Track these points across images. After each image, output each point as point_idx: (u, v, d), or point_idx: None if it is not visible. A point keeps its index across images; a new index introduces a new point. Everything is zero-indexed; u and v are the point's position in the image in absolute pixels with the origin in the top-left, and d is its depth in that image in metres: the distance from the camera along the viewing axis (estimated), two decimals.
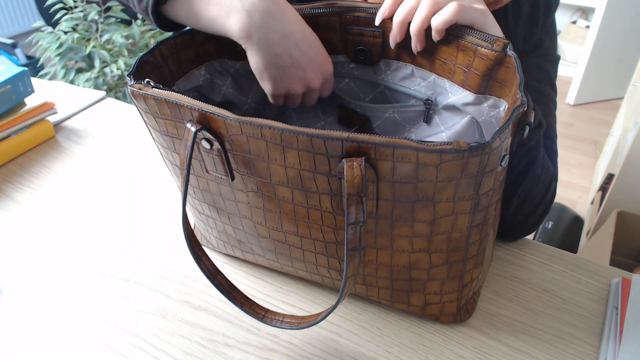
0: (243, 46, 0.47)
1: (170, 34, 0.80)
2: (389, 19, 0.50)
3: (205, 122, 0.43)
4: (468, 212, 0.42)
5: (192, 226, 0.63)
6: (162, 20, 0.52)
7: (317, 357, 0.49)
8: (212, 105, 0.58)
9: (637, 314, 0.52)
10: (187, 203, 0.59)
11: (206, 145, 0.44)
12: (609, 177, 1.72)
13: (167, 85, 0.53)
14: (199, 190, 0.52)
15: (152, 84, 0.45)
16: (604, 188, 1.71)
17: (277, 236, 0.50)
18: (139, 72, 0.48)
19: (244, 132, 0.41)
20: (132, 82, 0.46)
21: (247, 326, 0.52)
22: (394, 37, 0.49)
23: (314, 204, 0.44)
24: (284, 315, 0.46)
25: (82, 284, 0.57)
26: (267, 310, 0.47)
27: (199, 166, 0.48)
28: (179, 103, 0.43)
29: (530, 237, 1.76)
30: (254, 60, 0.47)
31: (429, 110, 0.54)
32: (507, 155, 0.41)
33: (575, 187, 2.10)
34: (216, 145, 0.44)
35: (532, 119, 0.41)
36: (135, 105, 0.48)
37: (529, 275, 0.58)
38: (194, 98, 0.55)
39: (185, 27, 0.56)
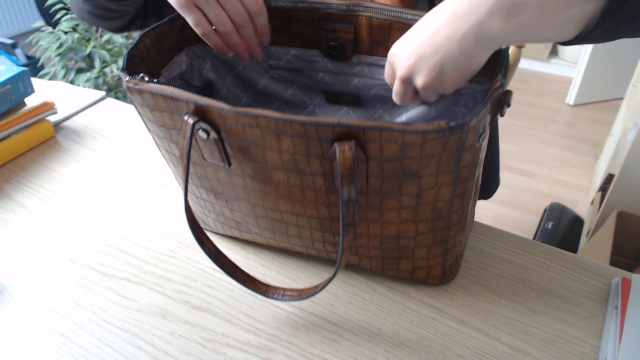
0: None
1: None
2: (359, 16, 0.52)
3: (201, 114, 0.44)
4: (450, 184, 0.44)
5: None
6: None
7: (317, 357, 0.50)
8: (194, 89, 0.60)
9: (637, 314, 0.52)
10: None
11: (203, 135, 0.45)
12: (609, 177, 1.72)
13: (154, 76, 0.54)
14: (196, 177, 0.53)
15: (147, 79, 0.46)
16: (604, 188, 1.71)
17: (274, 216, 0.51)
18: (130, 67, 0.49)
19: (240, 122, 0.42)
20: (128, 78, 0.46)
21: (247, 326, 0.52)
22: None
23: (308, 184, 0.46)
24: (284, 289, 0.50)
25: (82, 284, 0.57)
26: (268, 286, 0.51)
27: (196, 154, 0.49)
28: (175, 97, 0.44)
29: (530, 237, 1.76)
30: None
31: None
32: (485, 133, 0.43)
33: (575, 187, 2.10)
34: (213, 134, 0.45)
35: (510, 100, 0.43)
36: (131, 99, 0.48)
37: (529, 275, 0.58)
38: (178, 86, 0.57)
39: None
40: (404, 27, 0.51)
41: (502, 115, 0.44)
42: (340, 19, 0.53)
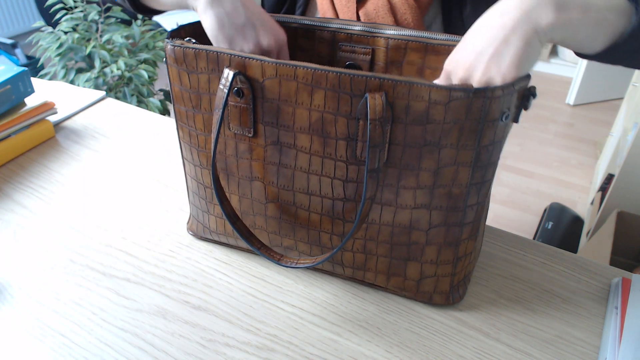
0: (198, 10, 0.51)
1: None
2: (378, 37, 0.55)
3: (242, 68, 0.47)
4: (469, 164, 0.46)
5: (189, 218, 0.64)
6: (139, 6, 0.59)
7: (317, 357, 0.50)
8: None
9: (637, 314, 0.52)
10: (189, 189, 0.60)
11: (237, 97, 0.48)
12: (609, 177, 1.72)
13: None
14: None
15: (194, 41, 0.50)
16: (604, 188, 1.71)
17: (286, 197, 0.52)
18: (173, 37, 0.53)
19: (279, 74, 0.45)
20: (174, 40, 0.50)
21: (247, 326, 0.52)
22: None
23: (330, 152, 0.47)
24: (298, 259, 0.51)
25: (82, 284, 0.57)
26: (282, 255, 0.53)
27: (222, 125, 0.51)
28: (219, 53, 0.47)
29: (530, 237, 1.76)
30: (209, 21, 0.51)
31: None
32: (509, 115, 0.44)
33: (575, 187, 2.10)
34: (247, 92, 0.47)
35: (535, 92, 0.45)
36: (169, 67, 0.51)
37: (529, 275, 0.59)
38: None
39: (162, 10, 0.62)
40: (419, 46, 0.53)
41: (526, 109, 0.46)
42: (360, 40, 0.56)
